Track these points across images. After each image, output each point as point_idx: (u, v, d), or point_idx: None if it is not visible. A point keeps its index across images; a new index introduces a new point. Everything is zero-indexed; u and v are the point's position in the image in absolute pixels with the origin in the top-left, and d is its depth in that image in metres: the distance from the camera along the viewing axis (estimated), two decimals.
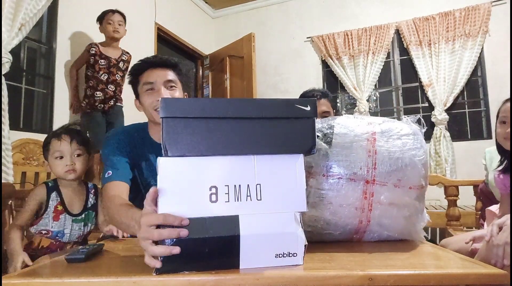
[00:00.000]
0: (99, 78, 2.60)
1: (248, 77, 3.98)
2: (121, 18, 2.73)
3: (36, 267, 0.79)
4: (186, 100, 0.74)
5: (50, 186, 1.32)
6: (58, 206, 1.30)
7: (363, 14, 4.13)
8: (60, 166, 1.29)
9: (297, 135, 0.69)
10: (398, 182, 0.87)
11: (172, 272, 0.62)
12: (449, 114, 3.70)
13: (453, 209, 1.99)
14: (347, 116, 0.97)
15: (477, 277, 0.61)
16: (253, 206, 0.65)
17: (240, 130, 0.67)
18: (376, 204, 0.87)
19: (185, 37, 4.20)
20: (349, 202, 0.87)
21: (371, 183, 0.86)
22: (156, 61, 1.22)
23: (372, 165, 0.86)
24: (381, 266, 0.68)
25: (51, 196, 1.30)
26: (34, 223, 1.28)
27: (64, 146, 1.29)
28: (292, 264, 0.66)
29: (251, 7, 4.66)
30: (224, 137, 0.66)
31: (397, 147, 0.88)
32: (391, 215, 0.88)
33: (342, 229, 0.89)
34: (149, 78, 1.20)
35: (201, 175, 0.65)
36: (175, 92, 1.22)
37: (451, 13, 3.71)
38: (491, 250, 0.93)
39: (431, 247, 0.87)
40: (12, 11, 2.02)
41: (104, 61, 2.63)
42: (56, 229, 1.28)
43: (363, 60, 4.02)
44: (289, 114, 0.69)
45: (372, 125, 0.92)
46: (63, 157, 1.29)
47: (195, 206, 0.63)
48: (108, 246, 0.96)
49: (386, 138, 0.89)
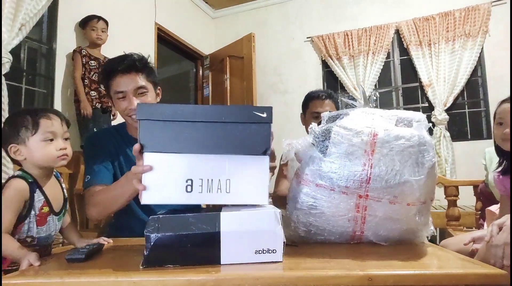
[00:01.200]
0: (91, 78, 2.65)
1: (248, 77, 3.98)
2: (105, 25, 2.79)
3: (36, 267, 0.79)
4: (159, 105, 0.85)
5: (31, 182, 1.02)
6: (44, 208, 1.04)
7: (363, 14, 4.13)
8: (49, 150, 1.03)
9: (254, 138, 0.78)
10: (394, 199, 0.81)
11: (157, 265, 0.68)
12: (449, 114, 3.70)
13: (453, 209, 1.99)
14: (354, 111, 0.90)
15: (477, 277, 0.61)
16: (222, 197, 0.76)
17: (205, 132, 0.78)
18: (370, 217, 0.83)
19: (185, 37, 4.20)
20: (341, 214, 0.84)
21: (364, 198, 0.82)
22: (124, 68, 1.22)
23: (366, 180, 0.81)
24: (380, 266, 0.68)
25: (35, 195, 1.02)
26: (15, 231, 0.99)
27: (56, 126, 1.05)
28: (271, 260, 0.69)
29: (251, 7, 4.66)
30: (192, 137, 0.78)
31: (397, 161, 0.80)
32: (387, 228, 0.84)
33: (337, 236, 0.87)
34: (118, 87, 1.23)
35: (178, 169, 0.76)
36: (146, 97, 1.25)
37: (451, 13, 3.71)
38: (491, 251, 0.93)
39: (430, 247, 0.87)
40: (12, 11, 2.02)
41: (94, 62, 2.68)
42: (43, 234, 1.04)
43: (363, 60, 4.02)
44: (247, 119, 0.78)
45: (376, 131, 0.82)
46: (54, 140, 1.04)
47: (173, 194, 0.75)
48: (108, 246, 0.96)
49: (387, 150, 0.81)
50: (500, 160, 1.39)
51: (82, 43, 2.78)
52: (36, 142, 1.02)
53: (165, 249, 0.67)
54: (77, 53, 2.63)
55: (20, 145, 1.03)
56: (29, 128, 1.02)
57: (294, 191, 0.92)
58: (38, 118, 1.03)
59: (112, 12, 3.09)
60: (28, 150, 1.02)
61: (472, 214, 2.18)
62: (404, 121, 0.87)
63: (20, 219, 1.00)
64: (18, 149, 1.03)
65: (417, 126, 0.85)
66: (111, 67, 1.24)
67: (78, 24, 2.77)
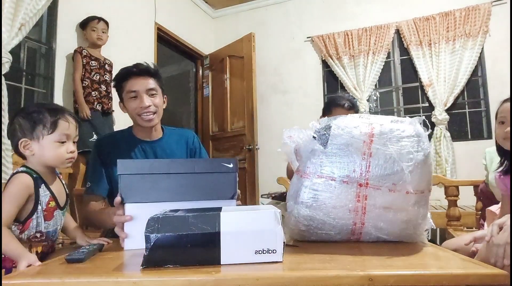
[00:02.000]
0: (92, 78, 2.64)
1: (248, 77, 3.98)
2: (105, 26, 2.78)
3: (36, 267, 0.79)
4: (138, 161, 1.01)
5: (36, 177, 1.05)
6: (51, 202, 1.08)
7: (363, 14, 4.12)
8: (60, 152, 1.06)
9: (222, 186, 0.91)
10: (393, 187, 0.84)
11: (157, 265, 0.68)
12: (449, 114, 3.69)
13: (453, 209, 1.99)
14: (352, 115, 0.94)
15: (478, 277, 0.61)
16: None
17: (179, 182, 0.89)
18: (370, 206, 0.85)
19: (185, 37, 4.20)
20: (342, 204, 0.86)
21: (364, 186, 0.85)
22: (139, 71, 1.36)
23: (366, 168, 0.84)
24: (381, 266, 0.68)
25: (40, 190, 1.05)
26: (23, 228, 1.03)
27: (72, 130, 1.09)
28: (272, 260, 0.69)
29: (251, 7, 4.66)
30: (168, 187, 0.89)
31: (394, 150, 0.84)
32: (387, 219, 0.86)
33: (337, 230, 0.88)
34: (132, 87, 1.35)
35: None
36: (156, 98, 1.38)
37: (451, 13, 3.71)
38: (492, 250, 0.93)
39: (431, 247, 0.87)
40: (12, 11, 2.02)
41: (95, 62, 2.68)
42: (51, 229, 1.08)
43: (363, 60, 4.02)
44: (216, 170, 0.91)
45: (373, 125, 0.88)
46: (65, 142, 1.08)
47: None
48: (108, 246, 0.96)
49: (384, 140, 0.85)
50: (501, 159, 1.38)
51: (82, 43, 2.78)
52: (50, 141, 1.05)
53: (164, 249, 0.67)
54: (78, 54, 2.62)
55: (33, 141, 1.05)
56: (47, 127, 1.04)
57: (295, 186, 0.93)
58: (57, 119, 1.06)
59: (112, 12, 3.09)
60: (39, 147, 1.05)
61: (472, 214, 2.18)
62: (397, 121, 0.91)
63: (28, 215, 1.03)
64: (29, 144, 1.05)
65: (411, 121, 0.90)
66: (126, 70, 1.38)
67: (78, 25, 2.77)
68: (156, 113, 1.38)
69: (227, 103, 4.21)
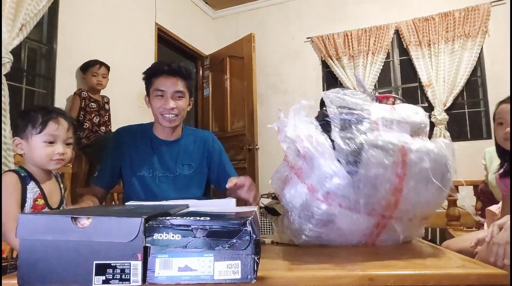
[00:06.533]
0: (92, 121, 2.63)
1: (248, 78, 3.98)
2: (106, 71, 2.73)
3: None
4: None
5: (23, 176, 1.05)
6: (38, 200, 1.06)
7: (363, 14, 4.13)
8: (47, 152, 1.05)
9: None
10: (413, 216, 0.85)
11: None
12: (449, 114, 3.69)
13: (453, 209, 1.99)
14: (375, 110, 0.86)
15: (478, 277, 0.61)
16: None
17: None
18: (385, 231, 0.85)
19: (185, 38, 4.20)
20: (358, 229, 0.84)
21: (387, 218, 0.83)
22: (170, 70, 1.35)
23: (394, 203, 0.80)
24: (381, 266, 0.68)
25: (28, 187, 1.04)
26: None
27: (61, 131, 1.07)
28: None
29: (251, 7, 4.66)
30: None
31: (423, 186, 0.80)
32: (393, 239, 0.88)
33: (347, 244, 0.89)
34: (160, 86, 1.35)
35: None
36: (182, 101, 1.37)
37: (451, 14, 3.71)
38: (492, 249, 0.93)
39: (431, 247, 0.87)
40: (12, 12, 2.02)
41: (94, 104, 2.66)
42: None
43: (363, 61, 4.02)
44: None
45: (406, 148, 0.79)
46: (54, 143, 1.06)
47: None
48: None
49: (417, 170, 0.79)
50: (501, 161, 1.38)
51: (82, 43, 2.78)
52: (37, 141, 1.06)
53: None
54: (77, 96, 2.60)
55: (23, 140, 1.07)
56: (36, 127, 1.05)
57: (303, 199, 0.83)
58: (47, 119, 1.06)
59: (112, 12, 3.09)
60: (28, 147, 1.07)
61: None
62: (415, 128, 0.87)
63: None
64: (20, 143, 1.07)
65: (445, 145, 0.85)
66: (158, 67, 1.37)
67: (79, 68, 2.71)
68: (178, 116, 1.38)
69: (227, 104, 4.21)
